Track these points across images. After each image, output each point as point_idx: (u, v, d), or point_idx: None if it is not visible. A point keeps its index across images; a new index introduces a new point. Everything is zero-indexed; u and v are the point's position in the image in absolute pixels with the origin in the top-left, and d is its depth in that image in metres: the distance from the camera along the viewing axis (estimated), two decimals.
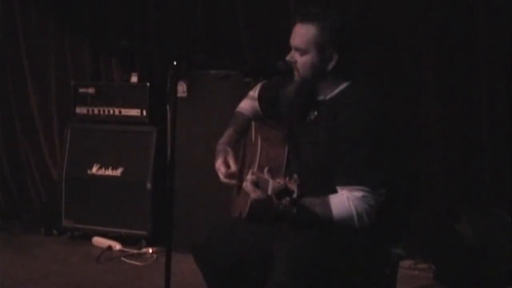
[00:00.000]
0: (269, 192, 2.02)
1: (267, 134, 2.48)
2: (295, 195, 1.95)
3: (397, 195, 2.35)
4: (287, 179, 1.99)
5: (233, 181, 2.51)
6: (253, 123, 2.59)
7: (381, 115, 2.27)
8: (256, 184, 2.12)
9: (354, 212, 2.17)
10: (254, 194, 2.13)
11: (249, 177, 2.15)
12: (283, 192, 1.97)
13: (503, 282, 3.44)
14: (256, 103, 2.65)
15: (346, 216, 2.17)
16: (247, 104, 2.69)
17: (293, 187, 1.95)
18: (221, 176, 2.49)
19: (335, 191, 2.23)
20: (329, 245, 2.17)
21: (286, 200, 1.96)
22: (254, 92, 2.68)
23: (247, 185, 2.15)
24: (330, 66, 2.28)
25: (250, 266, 2.37)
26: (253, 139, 2.53)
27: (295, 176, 1.98)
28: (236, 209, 2.55)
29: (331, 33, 2.26)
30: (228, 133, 2.62)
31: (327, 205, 2.17)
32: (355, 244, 2.23)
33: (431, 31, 4.03)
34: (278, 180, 2.01)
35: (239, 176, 2.54)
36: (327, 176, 2.25)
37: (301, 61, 2.30)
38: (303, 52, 2.29)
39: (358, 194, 2.18)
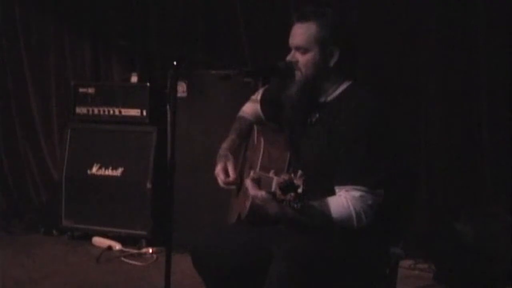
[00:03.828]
0: (273, 187, 2.00)
1: (269, 137, 2.48)
2: (300, 190, 1.93)
3: (396, 195, 2.35)
4: (293, 174, 1.97)
5: (232, 187, 2.51)
6: (255, 127, 2.59)
7: (379, 115, 2.27)
8: (257, 181, 2.10)
9: (353, 212, 2.16)
10: (253, 190, 2.12)
11: (251, 174, 2.13)
12: (289, 186, 1.95)
13: (503, 282, 3.44)
14: (258, 106, 2.65)
15: (345, 216, 2.16)
16: (250, 108, 2.69)
17: (299, 182, 1.94)
18: (220, 182, 2.49)
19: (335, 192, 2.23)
20: (329, 244, 2.17)
21: (290, 195, 1.94)
22: (257, 96, 2.68)
23: (247, 181, 2.13)
24: (332, 62, 2.29)
25: (250, 269, 2.36)
26: (255, 141, 2.53)
27: (300, 172, 1.97)
28: (234, 213, 2.55)
29: (331, 29, 2.28)
30: (230, 138, 2.61)
31: (325, 206, 2.16)
32: (355, 243, 2.22)
33: (431, 31, 4.03)
34: (282, 176, 1.99)
35: (239, 178, 2.54)
36: (327, 177, 2.25)
37: (303, 60, 2.30)
38: (305, 50, 2.29)
39: (356, 194, 2.18)
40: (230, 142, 2.58)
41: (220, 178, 2.47)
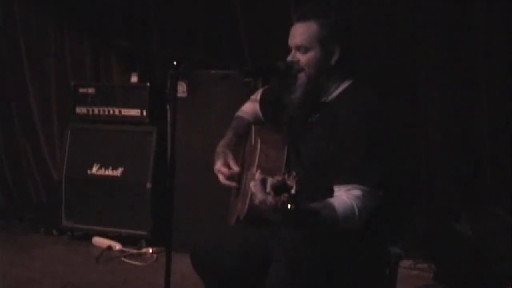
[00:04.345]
0: (268, 189, 1.99)
1: (267, 137, 2.48)
2: (293, 191, 1.92)
3: (396, 195, 2.35)
4: (286, 175, 1.96)
5: (234, 184, 2.50)
6: (253, 127, 2.59)
7: (380, 115, 2.27)
8: (264, 183, 2.05)
9: (356, 210, 2.14)
10: (261, 194, 1.99)
11: (257, 175, 2.08)
12: (282, 187, 1.93)
13: (503, 282, 3.44)
14: (257, 106, 2.65)
15: (349, 214, 2.14)
16: (249, 108, 2.69)
17: (292, 183, 1.93)
18: (222, 178, 2.48)
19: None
20: (329, 245, 2.17)
21: (284, 196, 1.93)
22: (256, 96, 2.69)
23: (254, 182, 2.04)
24: (334, 60, 2.29)
25: (250, 270, 2.36)
26: (252, 142, 2.53)
27: (294, 173, 1.96)
28: (233, 213, 2.54)
29: (332, 27, 2.29)
30: (227, 136, 2.62)
31: (330, 206, 2.14)
32: (355, 244, 2.22)
33: (431, 31, 4.03)
34: (276, 177, 1.98)
35: (238, 179, 2.53)
36: (327, 177, 2.24)
37: (305, 59, 2.30)
38: (305, 49, 2.29)
39: (358, 193, 2.17)
40: (227, 140, 2.60)
41: (223, 172, 2.46)
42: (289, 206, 1.91)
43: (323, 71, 2.31)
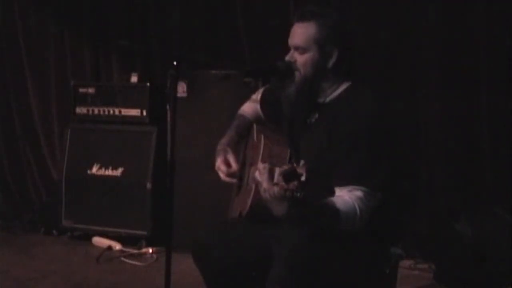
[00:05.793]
0: (276, 178, 1.97)
1: (270, 134, 2.49)
2: (303, 178, 1.90)
3: (396, 195, 2.35)
4: (295, 164, 1.95)
5: (234, 180, 2.51)
6: (255, 126, 2.60)
7: (379, 116, 2.26)
8: (271, 172, 1.98)
9: (357, 210, 2.14)
10: (267, 183, 1.97)
11: (264, 165, 2.05)
12: (291, 174, 1.90)
13: (503, 282, 3.44)
14: (258, 106, 2.66)
15: (350, 214, 2.13)
16: (249, 107, 2.69)
17: (301, 170, 1.91)
18: (222, 176, 2.49)
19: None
20: (329, 244, 2.17)
21: (293, 184, 1.91)
22: (257, 95, 2.69)
23: (261, 170, 2.01)
24: (331, 63, 2.29)
25: (250, 266, 2.36)
26: (255, 139, 2.54)
27: (302, 161, 1.95)
28: (235, 209, 2.55)
29: (331, 29, 2.28)
30: (229, 134, 2.63)
31: (332, 204, 2.13)
32: (355, 243, 2.22)
33: (431, 32, 4.03)
34: (284, 166, 1.96)
35: (240, 176, 2.54)
36: (327, 178, 2.24)
37: (301, 59, 2.30)
38: (303, 50, 2.30)
39: (358, 194, 2.17)
40: (229, 138, 2.60)
41: (222, 170, 2.47)
42: (298, 194, 1.89)
43: (319, 72, 2.31)
